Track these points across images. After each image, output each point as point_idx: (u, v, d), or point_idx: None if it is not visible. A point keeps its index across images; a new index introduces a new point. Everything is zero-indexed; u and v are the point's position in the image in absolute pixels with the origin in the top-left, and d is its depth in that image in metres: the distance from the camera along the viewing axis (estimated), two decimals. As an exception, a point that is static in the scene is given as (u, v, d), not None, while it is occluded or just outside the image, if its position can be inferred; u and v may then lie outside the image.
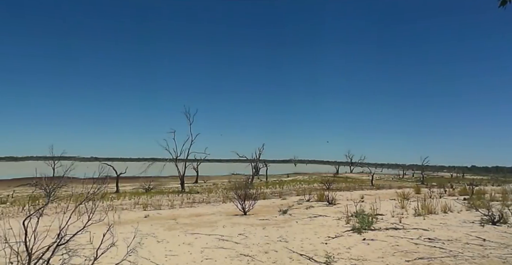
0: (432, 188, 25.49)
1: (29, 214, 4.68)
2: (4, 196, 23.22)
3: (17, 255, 4.51)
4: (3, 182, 34.52)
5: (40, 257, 4.47)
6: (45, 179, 19.96)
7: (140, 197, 22.43)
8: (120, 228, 9.47)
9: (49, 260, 4.51)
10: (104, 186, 5.49)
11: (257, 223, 11.91)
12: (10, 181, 36.45)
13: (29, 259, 4.39)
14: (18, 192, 26.52)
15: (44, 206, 5.05)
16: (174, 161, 32.88)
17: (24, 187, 29.80)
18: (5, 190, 28.65)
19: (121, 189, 29.39)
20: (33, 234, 4.52)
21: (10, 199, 21.44)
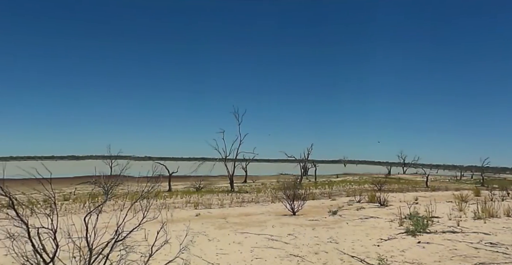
0: (494, 191, 23.96)
1: (89, 211, 4.94)
2: (67, 193, 24.75)
3: (79, 250, 4.78)
4: (65, 180, 36.80)
5: (100, 253, 4.70)
6: (103, 177, 20.99)
7: (191, 196, 23.01)
8: (172, 226, 9.77)
9: (108, 256, 4.74)
10: (158, 185, 5.66)
11: (307, 224, 11.81)
12: (72, 179, 38.76)
13: (90, 254, 4.63)
14: (79, 190, 28.16)
15: (103, 203, 5.30)
16: (223, 161, 33.42)
17: (85, 185, 31.55)
18: (68, 187, 30.51)
19: (173, 188, 30.30)
20: (93, 230, 4.76)
21: (72, 196, 22.81)
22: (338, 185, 35.75)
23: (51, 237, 4.51)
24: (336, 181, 44.02)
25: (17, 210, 4.60)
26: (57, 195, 5.09)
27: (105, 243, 4.76)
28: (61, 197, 21.34)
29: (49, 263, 4.48)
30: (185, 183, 35.87)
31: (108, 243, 4.78)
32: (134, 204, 5.14)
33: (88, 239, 4.70)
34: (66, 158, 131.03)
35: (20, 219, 4.52)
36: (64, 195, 22.75)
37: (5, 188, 4.57)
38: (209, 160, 37.44)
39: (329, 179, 49.93)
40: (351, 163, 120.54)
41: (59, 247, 4.55)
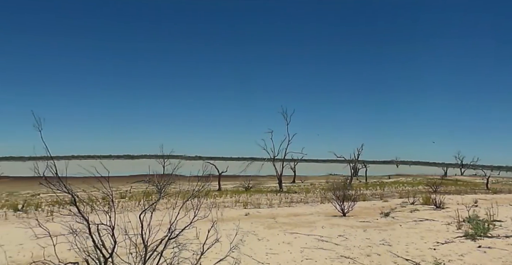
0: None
1: (144, 208, 5.13)
2: (123, 191, 25.90)
3: (136, 246, 4.97)
4: (122, 179, 38.52)
5: (154, 250, 4.87)
6: (157, 176, 21.71)
7: (240, 196, 23.25)
8: (223, 225, 9.91)
9: (162, 253, 4.89)
10: (208, 184, 5.76)
11: (357, 225, 11.53)
12: (128, 178, 40.52)
13: (145, 251, 4.81)
14: (134, 188, 29.37)
15: (156, 201, 5.47)
16: (272, 161, 33.44)
17: (139, 183, 32.84)
18: (124, 185, 31.91)
19: (223, 187, 30.77)
20: (147, 227, 4.94)
21: (128, 194, 23.84)
22: (390, 186, 34.60)
23: (110, 234, 4.73)
24: (388, 182, 42.63)
25: (78, 207, 4.87)
26: (114, 193, 5.33)
27: (159, 240, 4.92)
28: (118, 195, 22.36)
29: (108, 258, 4.70)
30: (234, 183, 36.30)
31: (162, 241, 4.93)
32: (186, 202, 5.26)
33: (143, 236, 4.88)
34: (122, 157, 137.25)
35: (81, 215, 4.78)
36: (121, 193, 23.82)
37: (68, 186, 4.86)
38: (258, 160, 37.60)
39: (381, 180, 48.45)
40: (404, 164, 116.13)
41: (117, 243, 4.76)
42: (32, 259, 5.82)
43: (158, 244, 4.90)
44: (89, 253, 4.72)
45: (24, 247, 8.47)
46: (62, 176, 4.86)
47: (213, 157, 71.62)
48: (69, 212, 4.96)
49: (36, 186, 6.41)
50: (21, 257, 7.53)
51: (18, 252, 8.02)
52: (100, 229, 4.73)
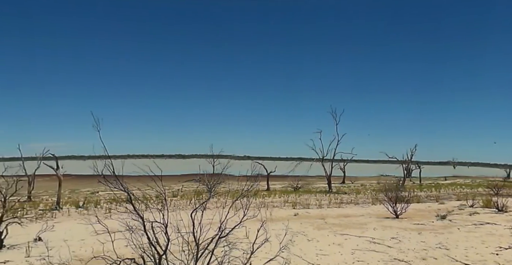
0: None
1: (195, 207, 5.24)
2: (175, 190, 26.71)
3: (188, 244, 5.09)
4: (173, 178, 39.72)
5: (205, 248, 4.96)
6: (207, 175, 22.19)
7: (289, 196, 23.18)
8: (272, 225, 9.90)
9: (213, 251, 4.98)
10: (256, 184, 5.78)
11: (411, 228, 11.10)
12: (179, 177, 41.72)
13: (197, 249, 4.92)
14: (186, 187, 30.19)
15: (207, 200, 5.58)
16: (321, 161, 33.02)
17: (190, 182, 33.68)
18: (176, 184, 32.89)
19: (271, 187, 30.81)
20: (199, 226, 5.04)
21: (180, 193, 24.53)
22: (447, 188, 32.95)
23: (163, 231, 4.89)
24: (444, 184, 40.64)
25: (134, 205, 5.07)
26: (166, 191, 5.50)
27: (210, 238, 5.01)
28: (170, 194, 23.08)
29: (162, 255, 4.86)
30: (283, 183, 36.25)
31: (212, 239, 5.02)
32: (235, 202, 5.31)
33: (194, 234, 4.99)
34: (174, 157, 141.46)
35: (136, 213, 4.97)
36: (173, 192, 24.57)
37: (124, 184, 5.07)
38: (306, 160, 37.28)
39: (436, 182, 46.30)
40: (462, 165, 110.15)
41: (170, 241, 4.90)
42: (93, 254, 6.15)
43: (209, 242, 4.99)
44: (144, 249, 4.90)
45: (85, 242, 8.97)
46: (118, 175, 5.08)
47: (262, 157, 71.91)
48: (125, 210, 5.18)
49: (95, 184, 6.78)
50: (83, 252, 7.98)
51: (81, 247, 8.51)
52: (154, 226, 4.89)
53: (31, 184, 21.89)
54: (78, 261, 6.80)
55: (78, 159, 65.19)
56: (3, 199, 9.59)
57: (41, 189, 26.10)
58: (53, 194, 22.64)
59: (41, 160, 23.01)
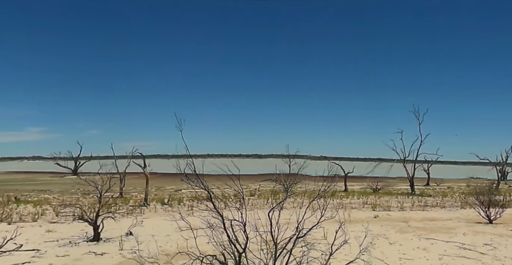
0: None
1: (272, 207, 5.28)
2: (252, 189, 27.21)
3: (266, 243, 5.15)
4: (250, 177, 40.48)
5: (284, 247, 4.97)
6: (283, 175, 22.27)
7: (368, 197, 22.41)
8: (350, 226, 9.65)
9: (291, 251, 4.97)
10: (333, 185, 5.67)
11: (508, 234, 10.12)
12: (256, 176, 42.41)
13: (275, 248, 4.95)
14: (262, 186, 30.61)
15: (283, 200, 5.59)
16: (402, 162, 31.45)
17: (267, 182, 34.12)
18: (253, 184, 33.51)
19: (349, 188, 30.06)
20: (276, 225, 5.07)
21: (257, 192, 24.94)
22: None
23: (242, 230, 4.99)
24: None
25: (214, 203, 5.25)
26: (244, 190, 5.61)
27: (288, 238, 5.01)
28: (248, 193, 23.55)
29: (242, 253, 4.97)
30: (361, 184, 35.17)
31: (290, 239, 5.02)
32: (312, 202, 5.26)
33: (272, 233, 5.03)
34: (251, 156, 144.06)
35: (216, 211, 5.15)
36: (250, 191, 25.05)
37: (205, 183, 5.28)
38: (386, 161, 35.75)
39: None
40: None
41: (249, 239, 4.99)
42: (177, 249, 6.49)
43: (287, 242, 4.99)
44: (224, 247, 5.05)
45: (171, 238, 9.51)
46: (199, 173, 5.30)
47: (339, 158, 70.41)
48: (206, 207, 5.38)
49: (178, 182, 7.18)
50: (168, 247, 8.46)
51: (166, 243, 9.03)
52: (233, 224, 5.02)
53: (122, 181, 23.66)
54: (165, 256, 7.21)
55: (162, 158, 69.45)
56: (99, 194, 10.52)
57: (131, 186, 28.14)
58: (141, 191, 24.33)
59: (130, 159, 24.89)
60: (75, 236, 10.04)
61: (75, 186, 25.08)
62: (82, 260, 7.68)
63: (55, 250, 8.49)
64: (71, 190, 27.34)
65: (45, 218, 13.74)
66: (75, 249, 8.59)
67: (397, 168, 32.84)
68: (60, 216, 13.94)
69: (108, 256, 7.92)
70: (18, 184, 38.85)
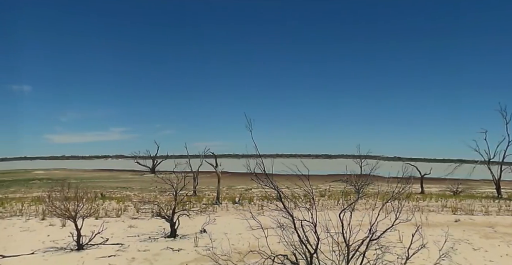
0: None
1: (343, 208, 5.17)
2: (322, 189, 26.85)
3: (338, 244, 5.05)
4: (320, 177, 39.98)
5: (356, 250, 4.85)
6: (354, 176, 21.70)
7: (447, 200, 21.04)
8: (428, 230, 9.14)
9: (364, 253, 4.83)
10: (409, 186, 5.42)
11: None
12: (326, 177, 41.77)
13: (348, 250, 4.84)
14: (332, 187, 30.09)
15: (355, 201, 5.45)
16: (486, 164, 29.07)
17: (337, 183, 33.43)
18: (323, 184, 33.05)
19: (426, 190, 28.48)
20: (348, 227, 4.95)
21: (327, 193, 24.56)
22: None
23: (312, 230, 4.96)
24: None
25: (284, 203, 5.27)
26: (314, 191, 5.55)
27: (360, 240, 4.88)
28: (318, 193, 23.29)
29: (313, 254, 4.93)
30: (440, 186, 33.11)
31: (363, 241, 4.87)
32: (386, 204, 5.07)
33: (344, 235, 4.92)
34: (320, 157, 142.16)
35: (286, 211, 5.16)
36: (320, 191, 24.74)
37: (274, 182, 5.32)
38: (468, 162, 33.23)
39: None
40: None
41: (320, 240, 4.94)
42: (249, 248, 6.62)
43: (360, 244, 4.86)
44: (295, 247, 5.04)
45: (242, 236, 9.71)
46: (269, 173, 5.35)
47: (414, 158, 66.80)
48: (276, 207, 5.42)
49: (248, 181, 7.32)
50: (240, 246, 8.65)
51: (238, 241, 9.24)
52: (304, 225, 5.00)
53: (196, 179, 24.59)
54: (237, 254, 7.38)
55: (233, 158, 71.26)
56: (175, 192, 11.05)
57: (204, 184, 29.20)
58: (213, 190, 25.14)
59: (203, 158, 25.79)
60: (154, 232, 10.66)
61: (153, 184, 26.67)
62: (161, 255, 8.13)
63: (136, 245, 9.08)
64: (149, 188, 29.06)
65: (127, 214, 14.75)
66: (154, 244, 9.11)
67: (480, 170, 30.42)
68: (140, 213, 14.86)
69: (184, 252, 8.30)
70: (103, 181, 42.20)
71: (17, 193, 27.72)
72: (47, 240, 9.67)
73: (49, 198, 9.78)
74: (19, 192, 28.23)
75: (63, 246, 8.93)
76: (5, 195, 24.45)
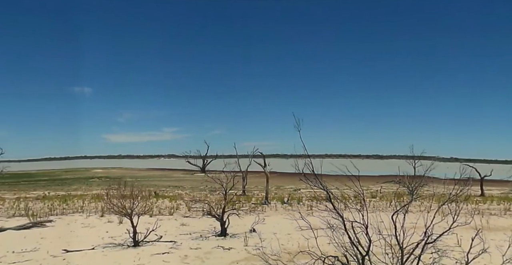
0: None
1: (395, 209, 5.01)
2: (373, 191, 26.15)
3: (391, 247, 4.90)
4: (371, 178, 38.99)
5: (411, 253, 4.68)
6: (407, 177, 20.94)
7: (510, 203, 19.72)
8: (490, 234, 8.62)
9: (420, 257, 4.65)
10: (467, 188, 5.17)
11: None
12: (377, 178, 40.69)
13: (402, 253, 4.68)
14: (384, 188, 29.21)
15: (409, 203, 5.28)
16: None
17: (389, 184, 32.42)
18: (374, 185, 32.18)
19: (486, 193, 26.87)
20: (401, 229, 4.79)
21: (379, 194, 23.88)
22: None
23: (363, 232, 4.84)
24: None
25: (333, 204, 5.20)
26: (365, 192, 5.43)
27: (415, 243, 4.70)
28: (368, 194, 22.70)
29: (365, 256, 4.82)
30: (502, 188, 31.19)
31: (418, 244, 4.70)
32: (442, 206, 4.85)
33: (397, 237, 4.77)
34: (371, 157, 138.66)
35: (336, 212, 5.08)
36: (371, 193, 24.10)
37: (323, 183, 5.26)
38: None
39: None
40: None
41: (371, 242, 4.82)
42: (299, 248, 6.58)
43: (414, 247, 4.69)
44: (346, 248, 4.96)
45: (291, 236, 9.69)
46: (317, 173, 5.30)
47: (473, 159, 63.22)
48: (325, 208, 5.35)
49: (297, 181, 7.31)
50: (290, 246, 8.64)
51: (288, 241, 9.23)
52: (354, 226, 4.90)
53: (245, 179, 24.84)
54: (287, 254, 7.38)
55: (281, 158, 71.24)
56: (224, 192, 11.25)
57: (252, 184, 29.43)
58: (262, 190, 25.27)
59: (251, 158, 26.02)
60: (205, 230, 10.91)
61: (203, 183, 27.29)
62: (212, 253, 8.30)
63: (188, 243, 9.34)
64: (200, 187, 29.77)
65: (179, 212, 15.21)
66: (206, 243, 9.33)
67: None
68: (191, 211, 15.27)
69: (235, 251, 8.41)
70: (156, 180, 43.83)
71: (78, 190, 29.49)
72: (106, 236, 10.20)
73: (107, 196, 10.33)
74: (80, 190, 30.01)
75: (120, 242, 9.37)
76: (68, 193, 26.09)
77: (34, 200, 20.24)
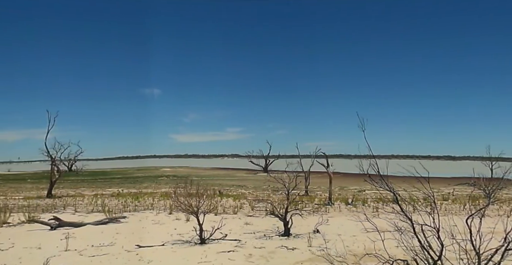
0: None
1: (470, 213, 4.70)
2: (445, 193, 24.71)
3: (466, 252, 4.61)
4: (442, 180, 36.87)
5: (489, 259, 4.37)
6: (483, 179, 19.54)
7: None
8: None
9: (499, 264, 4.33)
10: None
11: None
12: (449, 179, 38.39)
13: (478, 259, 4.39)
14: (457, 191, 27.49)
15: (485, 206, 4.94)
16: None
17: (463, 186, 30.51)
18: (446, 187, 30.38)
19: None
20: (477, 234, 4.49)
21: (451, 196, 22.52)
22: None
23: (435, 236, 4.61)
24: None
25: (401, 206, 5.00)
26: (435, 194, 5.16)
27: (494, 249, 4.38)
28: (440, 197, 21.49)
29: (437, 261, 4.58)
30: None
31: (497, 250, 4.37)
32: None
33: (473, 242, 4.47)
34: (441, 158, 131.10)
35: (404, 214, 4.88)
36: (443, 195, 22.80)
37: (390, 184, 5.08)
38: None
39: None
40: None
41: (444, 246, 4.57)
42: (365, 251, 6.42)
43: (493, 253, 4.37)
44: (416, 252, 4.74)
45: (357, 238, 9.46)
46: (383, 174, 5.13)
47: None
48: (392, 210, 5.16)
49: (361, 182, 7.14)
50: (355, 248, 8.44)
51: (353, 243, 9.02)
52: (424, 229, 4.68)
53: (307, 179, 24.66)
54: (352, 256, 7.22)
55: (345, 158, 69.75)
56: (287, 192, 11.26)
57: (315, 184, 29.10)
58: (325, 190, 24.93)
59: (314, 158, 25.78)
60: (268, 230, 11.00)
61: (266, 183, 27.50)
62: (276, 253, 8.35)
63: (252, 242, 9.47)
64: (262, 187, 30.05)
65: (243, 211, 15.48)
66: (269, 242, 9.40)
67: None
68: (254, 210, 15.47)
69: (299, 252, 8.39)
70: (220, 179, 44.95)
71: (148, 188, 31.11)
72: (174, 233, 10.66)
73: (174, 194, 10.80)
74: (150, 187, 31.64)
75: (187, 239, 9.75)
76: (139, 190, 27.66)
77: (110, 197, 21.72)
